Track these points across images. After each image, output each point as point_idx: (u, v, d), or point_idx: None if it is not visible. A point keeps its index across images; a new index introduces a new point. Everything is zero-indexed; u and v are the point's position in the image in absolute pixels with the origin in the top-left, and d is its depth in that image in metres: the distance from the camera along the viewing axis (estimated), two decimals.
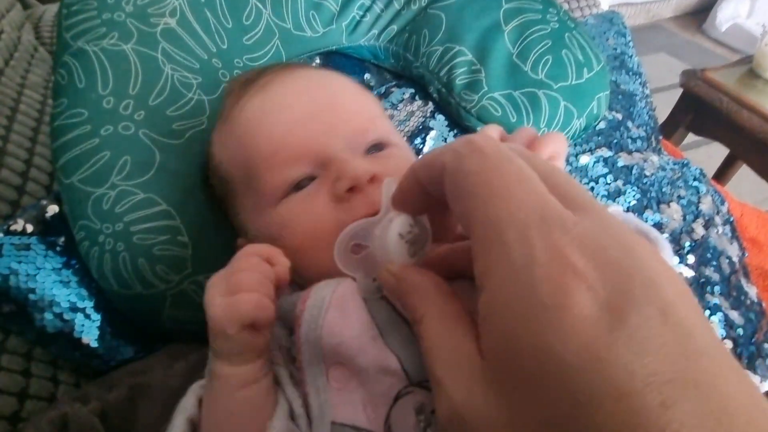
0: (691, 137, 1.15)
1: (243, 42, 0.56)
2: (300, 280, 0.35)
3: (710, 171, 1.28)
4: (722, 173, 1.24)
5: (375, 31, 0.63)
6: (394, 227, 0.26)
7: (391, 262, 0.26)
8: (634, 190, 0.57)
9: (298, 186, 0.36)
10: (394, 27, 0.63)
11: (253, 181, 0.38)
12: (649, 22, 2.61)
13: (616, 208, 0.38)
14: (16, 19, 0.71)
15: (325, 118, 0.37)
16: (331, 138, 0.36)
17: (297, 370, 0.32)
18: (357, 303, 0.30)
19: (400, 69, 0.63)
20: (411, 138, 0.58)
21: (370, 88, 0.64)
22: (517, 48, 0.56)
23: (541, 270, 0.16)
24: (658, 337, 0.15)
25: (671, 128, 1.12)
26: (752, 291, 0.55)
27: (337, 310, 0.30)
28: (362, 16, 0.62)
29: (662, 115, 0.99)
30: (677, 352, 0.15)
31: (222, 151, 0.42)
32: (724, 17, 2.39)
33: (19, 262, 0.43)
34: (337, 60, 0.64)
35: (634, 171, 0.59)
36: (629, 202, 0.57)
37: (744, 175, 1.17)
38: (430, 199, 0.23)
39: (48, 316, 0.43)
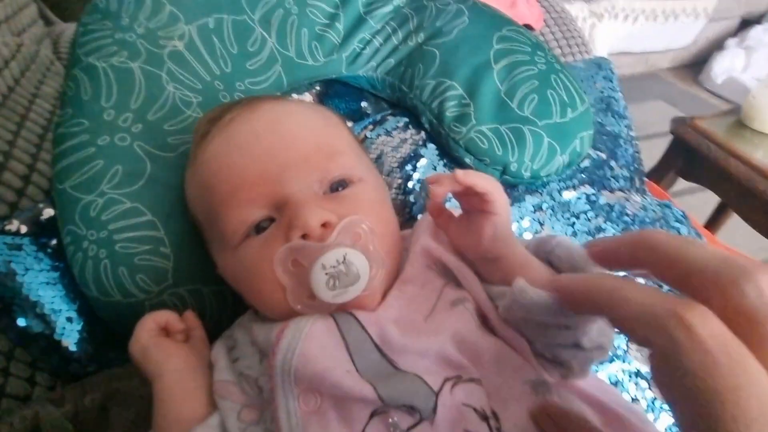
0: (688, 183, 1.16)
1: (246, 67, 0.58)
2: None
3: (705, 217, 1.29)
4: (715, 219, 1.25)
5: (373, 63, 0.66)
6: (321, 258, 0.31)
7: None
8: (614, 228, 0.59)
9: (259, 228, 0.36)
10: (392, 60, 0.66)
11: (215, 222, 0.38)
12: (647, 71, 2.69)
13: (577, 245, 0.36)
14: (37, 34, 0.74)
15: (283, 158, 0.36)
16: (287, 178, 0.35)
17: (267, 401, 0.32)
18: (333, 337, 0.31)
19: (395, 99, 0.66)
20: (402, 164, 0.60)
21: (366, 115, 0.67)
22: (506, 85, 0.59)
23: None
24: None
25: (662, 173, 1.14)
26: None
27: (312, 341, 0.31)
28: (362, 49, 0.65)
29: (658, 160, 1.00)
30: None
31: (190, 190, 0.43)
32: (719, 70, 2.46)
33: (9, 262, 0.44)
34: (337, 88, 0.67)
35: (615, 209, 0.60)
36: None
37: (739, 223, 1.17)
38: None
39: (31, 316, 0.44)
